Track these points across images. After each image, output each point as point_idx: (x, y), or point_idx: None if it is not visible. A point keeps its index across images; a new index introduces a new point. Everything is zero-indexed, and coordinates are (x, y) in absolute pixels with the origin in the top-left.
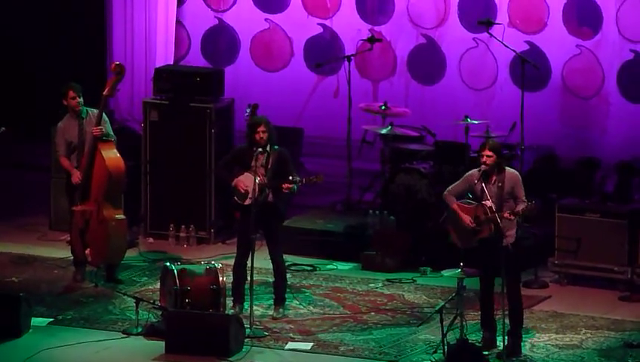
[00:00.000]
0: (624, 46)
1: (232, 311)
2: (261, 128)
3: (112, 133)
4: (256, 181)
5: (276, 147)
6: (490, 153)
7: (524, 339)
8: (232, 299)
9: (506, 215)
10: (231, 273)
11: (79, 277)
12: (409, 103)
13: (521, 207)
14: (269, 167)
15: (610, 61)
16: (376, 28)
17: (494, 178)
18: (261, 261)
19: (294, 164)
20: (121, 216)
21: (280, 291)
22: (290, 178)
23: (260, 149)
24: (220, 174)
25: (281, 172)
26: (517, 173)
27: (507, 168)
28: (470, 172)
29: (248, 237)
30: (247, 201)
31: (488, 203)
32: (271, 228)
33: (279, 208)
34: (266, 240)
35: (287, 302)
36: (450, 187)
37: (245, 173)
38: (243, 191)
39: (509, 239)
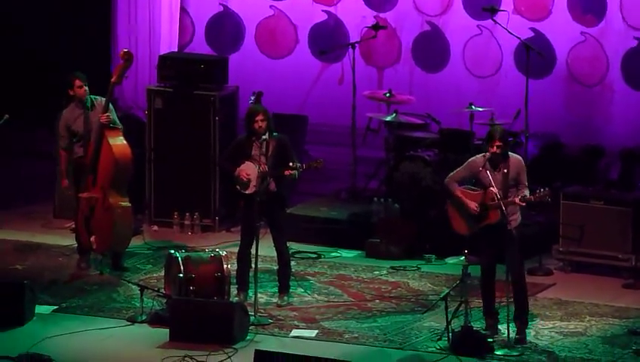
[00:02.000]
0: (629, 33)
1: (237, 298)
2: (259, 117)
3: (118, 121)
4: (258, 169)
5: (275, 134)
6: (500, 143)
7: (528, 326)
8: (236, 286)
9: (517, 200)
10: (235, 261)
11: (84, 265)
12: (413, 91)
13: (527, 192)
14: (270, 154)
15: (614, 49)
16: (381, 15)
17: (500, 164)
18: (265, 249)
19: (296, 150)
20: (127, 204)
21: (284, 279)
22: (291, 164)
23: (264, 137)
24: (223, 166)
25: (281, 159)
26: (521, 158)
27: (511, 154)
28: (473, 158)
29: (252, 225)
30: (250, 190)
31: (494, 189)
32: (274, 216)
33: (282, 196)
34: (270, 228)
35: (291, 290)
36: (451, 173)
37: (246, 162)
38: (245, 180)
39: (513, 223)
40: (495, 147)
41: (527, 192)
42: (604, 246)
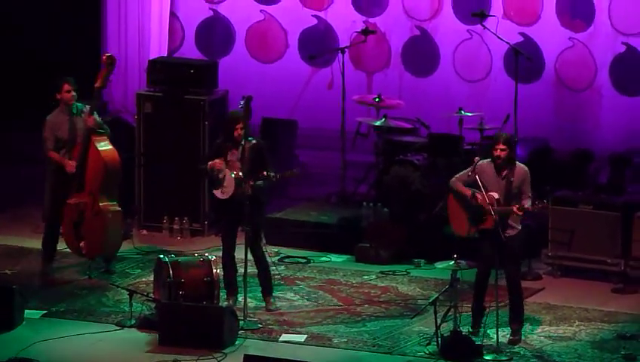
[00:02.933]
0: (617, 39)
1: (227, 303)
2: (239, 125)
3: (104, 125)
4: (233, 175)
5: (250, 138)
6: (503, 146)
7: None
8: (225, 291)
9: (515, 209)
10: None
11: (47, 271)
12: (403, 95)
13: (529, 203)
14: (245, 160)
15: (602, 54)
16: (370, 20)
17: (505, 172)
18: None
19: (286, 154)
20: (117, 208)
21: (267, 282)
22: (265, 173)
23: (247, 141)
24: (199, 170)
25: (258, 164)
26: (527, 168)
27: (517, 163)
28: (480, 162)
29: (233, 230)
30: (226, 195)
31: (495, 195)
32: (251, 221)
33: (259, 201)
34: (249, 237)
35: (280, 294)
36: (457, 175)
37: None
38: (219, 168)
39: (511, 232)
40: (498, 150)
41: (529, 203)
42: (594, 250)
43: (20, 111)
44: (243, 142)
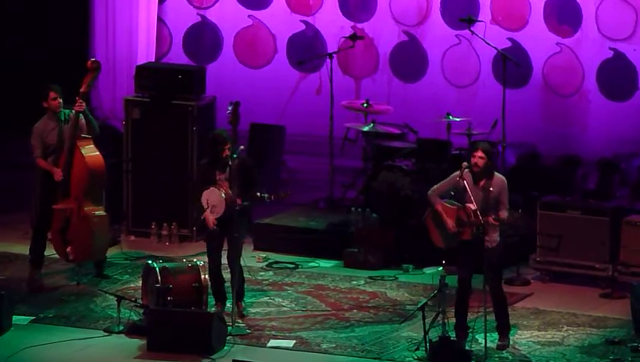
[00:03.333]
0: (604, 44)
1: (215, 308)
2: (227, 146)
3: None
4: (222, 196)
5: (235, 155)
6: (481, 154)
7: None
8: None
9: (491, 220)
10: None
11: (36, 278)
12: (391, 100)
13: (505, 213)
14: (233, 179)
15: (589, 59)
16: (358, 25)
17: (483, 182)
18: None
19: (274, 160)
20: (103, 213)
21: (239, 287)
22: (258, 194)
23: (233, 158)
24: (193, 198)
25: (245, 181)
26: (504, 179)
27: (496, 173)
28: (457, 172)
29: (219, 239)
30: (217, 214)
31: (472, 206)
32: (233, 237)
33: (245, 214)
34: (228, 244)
35: (269, 299)
36: (435, 186)
37: (211, 188)
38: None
39: (490, 243)
40: (476, 157)
41: (505, 213)
42: (582, 255)
43: (6, 118)
44: (230, 162)
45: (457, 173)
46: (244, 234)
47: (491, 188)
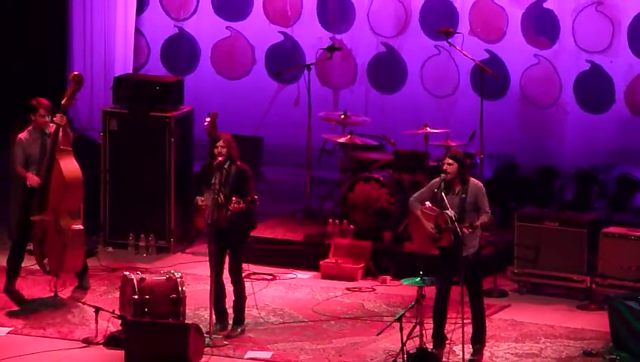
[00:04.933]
0: (581, 56)
1: (216, 327)
2: (220, 143)
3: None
4: (214, 200)
5: (231, 162)
6: (450, 161)
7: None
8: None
9: (465, 229)
10: (191, 282)
11: (12, 289)
12: (369, 111)
13: (481, 219)
14: (226, 184)
15: (567, 71)
16: (337, 36)
17: (458, 188)
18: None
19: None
20: (79, 227)
21: (239, 311)
22: (234, 198)
23: (224, 166)
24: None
25: (239, 190)
26: (481, 184)
27: (472, 179)
28: (436, 180)
29: (219, 256)
30: (207, 220)
31: (450, 212)
32: (232, 245)
33: (240, 226)
34: (228, 257)
35: (246, 311)
36: (416, 193)
37: (205, 193)
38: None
39: (470, 250)
40: (445, 164)
41: (485, 218)
42: (559, 267)
43: None
44: (227, 167)
45: (435, 180)
46: (235, 249)
47: (463, 195)
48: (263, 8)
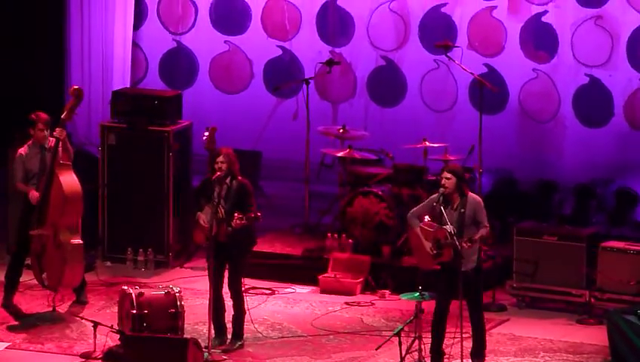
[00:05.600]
0: (579, 70)
1: (215, 342)
2: (220, 159)
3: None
4: (215, 215)
5: (233, 177)
6: (448, 175)
7: None
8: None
9: (464, 244)
10: (189, 297)
11: (9, 304)
12: (368, 125)
13: (479, 233)
14: (227, 199)
15: (566, 85)
16: (336, 50)
17: (457, 203)
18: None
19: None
20: (78, 241)
21: (238, 326)
22: (236, 214)
23: (226, 181)
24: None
25: (240, 205)
26: (479, 198)
27: (470, 193)
28: (435, 195)
29: (218, 270)
30: (205, 240)
31: (449, 227)
32: (232, 259)
33: (240, 240)
34: (228, 271)
35: (245, 325)
36: (414, 209)
37: (206, 208)
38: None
39: (469, 265)
40: (443, 178)
41: (484, 231)
42: (558, 281)
43: None
44: (228, 182)
45: (435, 196)
46: (235, 263)
47: (462, 209)
48: (261, 22)
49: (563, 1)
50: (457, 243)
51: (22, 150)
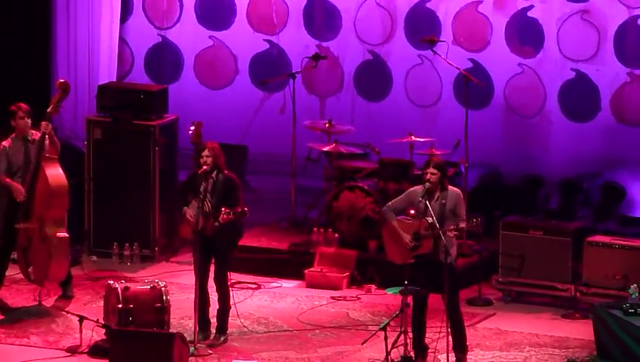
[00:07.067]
0: (565, 65)
1: (200, 336)
2: (205, 153)
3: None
4: (201, 209)
5: (218, 171)
6: (434, 171)
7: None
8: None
9: (449, 232)
10: (175, 291)
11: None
12: (355, 119)
13: (463, 224)
14: (214, 193)
15: (551, 80)
16: (323, 44)
17: (437, 195)
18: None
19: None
20: (64, 235)
21: (222, 320)
22: (223, 209)
23: (211, 175)
24: (179, 198)
25: (226, 199)
26: (459, 191)
27: (450, 186)
28: (413, 188)
29: (203, 264)
30: (194, 229)
31: (430, 219)
32: (217, 252)
33: (227, 233)
34: (214, 265)
35: (231, 320)
36: (390, 202)
37: (192, 203)
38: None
39: (449, 258)
40: (429, 174)
41: (463, 224)
42: (544, 276)
43: None
44: (214, 176)
45: (412, 189)
46: (220, 256)
47: (443, 201)
48: (247, 17)
49: None
50: (441, 232)
51: (5, 143)
